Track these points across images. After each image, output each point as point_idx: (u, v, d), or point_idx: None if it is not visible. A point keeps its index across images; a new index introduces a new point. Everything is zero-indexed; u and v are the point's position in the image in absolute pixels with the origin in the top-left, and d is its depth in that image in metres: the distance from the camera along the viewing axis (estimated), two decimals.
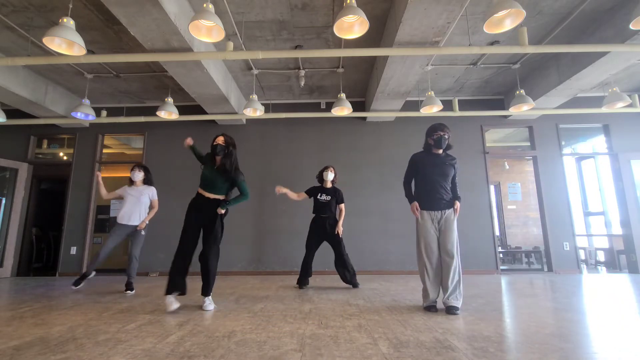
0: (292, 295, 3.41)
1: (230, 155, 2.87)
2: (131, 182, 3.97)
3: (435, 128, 2.82)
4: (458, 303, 2.57)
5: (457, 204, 2.77)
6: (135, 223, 3.86)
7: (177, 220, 5.53)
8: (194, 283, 4.45)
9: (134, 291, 3.78)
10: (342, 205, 3.99)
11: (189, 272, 2.87)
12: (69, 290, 3.88)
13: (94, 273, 3.92)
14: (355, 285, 3.89)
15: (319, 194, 3.93)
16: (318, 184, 4.06)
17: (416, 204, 2.82)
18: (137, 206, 3.87)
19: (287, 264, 5.40)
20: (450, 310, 2.53)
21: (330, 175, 3.95)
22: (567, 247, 5.35)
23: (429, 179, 2.78)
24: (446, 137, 2.79)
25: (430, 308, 2.64)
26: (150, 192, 3.99)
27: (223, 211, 2.85)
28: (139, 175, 3.94)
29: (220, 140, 2.86)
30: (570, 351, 1.70)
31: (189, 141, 2.97)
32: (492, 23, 2.79)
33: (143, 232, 3.91)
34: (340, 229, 3.89)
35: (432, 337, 1.95)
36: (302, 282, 3.90)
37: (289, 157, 5.78)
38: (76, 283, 3.88)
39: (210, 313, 2.62)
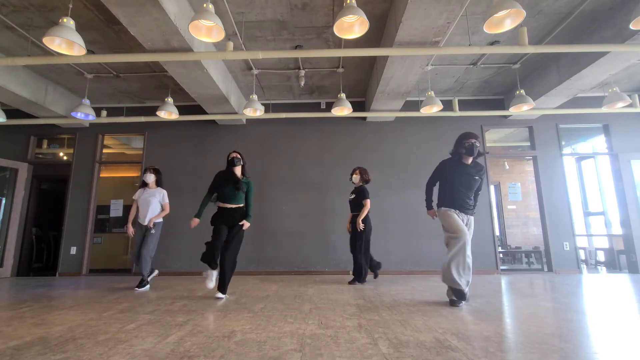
0: (292, 295, 3.41)
1: (243, 165, 3.48)
2: (143, 184, 4.13)
3: (467, 135, 2.90)
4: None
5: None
6: (147, 223, 4.01)
7: (176, 220, 5.53)
8: (193, 283, 4.45)
9: (144, 288, 3.90)
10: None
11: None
12: (69, 290, 3.88)
13: (155, 271, 4.12)
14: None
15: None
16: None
17: (433, 210, 3.07)
18: (148, 207, 4.02)
19: (287, 264, 5.40)
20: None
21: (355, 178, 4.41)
22: (567, 247, 5.35)
23: (455, 189, 2.90)
24: (477, 144, 2.86)
25: (463, 296, 2.75)
26: (160, 196, 4.13)
27: (249, 224, 3.32)
28: (150, 178, 4.10)
29: (235, 154, 3.40)
30: (570, 351, 1.70)
31: (195, 222, 3.44)
32: (492, 23, 2.79)
33: (153, 231, 4.01)
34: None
35: (432, 337, 1.95)
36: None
37: (289, 157, 5.78)
38: (140, 285, 3.94)
39: (210, 313, 2.62)
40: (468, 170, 2.91)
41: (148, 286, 3.98)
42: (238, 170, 3.40)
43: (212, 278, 3.32)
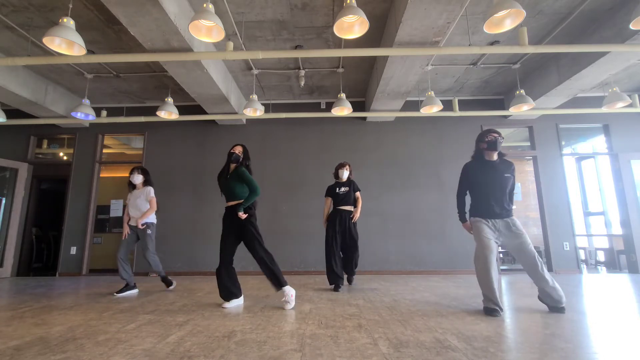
0: None
1: (241, 162, 3.10)
2: (132, 186, 3.91)
3: (488, 131, 2.69)
4: (563, 300, 2.50)
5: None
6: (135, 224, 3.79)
7: (176, 220, 5.54)
8: (193, 283, 4.45)
9: (172, 285, 3.90)
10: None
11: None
12: (69, 290, 3.88)
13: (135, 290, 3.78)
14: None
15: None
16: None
17: (469, 224, 2.73)
18: (135, 209, 3.79)
19: (287, 264, 5.40)
20: (561, 309, 2.50)
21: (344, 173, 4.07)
22: (567, 247, 5.35)
23: (485, 192, 2.62)
24: (500, 140, 2.64)
25: (494, 312, 2.47)
26: (145, 192, 3.85)
27: (243, 215, 2.91)
28: (138, 178, 3.87)
29: (238, 149, 3.08)
30: (570, 351, 1.70)
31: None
32: (492, 23, 2.79)
33: (149, 231, 3.77)
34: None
35: (432, 337, 1.95)
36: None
37: (289, 157, 5.78)
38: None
39: (210, 313, 2.62)
40: (495, 167, 2.64)
41: (174, 283, 3.95)
42: (232, 168, 3.07)
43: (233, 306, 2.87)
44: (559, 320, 2.33)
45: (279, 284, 2.83)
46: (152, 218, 3.86)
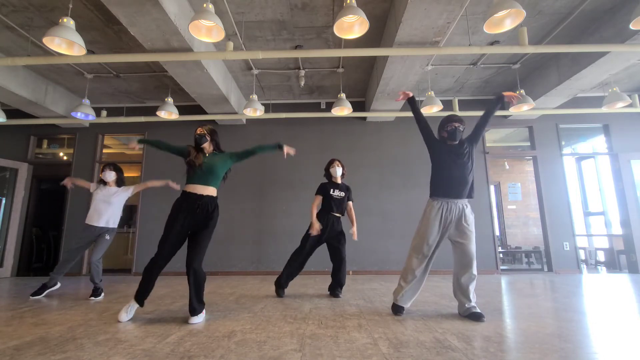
0: (292, 296, 3.41)
1: (214, 139, 2.68)
2: (103, 183, 3.61)
3: (449, 119, 2.56)
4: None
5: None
6: (102, 225, 3.46)
7: None
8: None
9: (100, 297, 3.39)
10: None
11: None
12: (69, 290, 3.88)
13: (58, 284, 3.61)
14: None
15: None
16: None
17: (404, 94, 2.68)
18: (107, 208, 3.49)
19: None
20: (479, 317, 2.30)
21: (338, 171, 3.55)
22: (567, 247, 5.35)
23: (446, 172, 2.48)
24: (461, 129, 2.55)
25: (399, 310, 2.49)
26: (126, 196, 3.64)
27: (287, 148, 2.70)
28: (111, 176, 3.57)
29: (200, 130, 2.60)
30: (570, 351, 1.70)
31: (134, 145, 2.74)
32: (492, 23, 2.79)
33: (107, 237, 3.50)
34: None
35: (432, 337, 1.95)
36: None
37: (289, 157, 5.76)
38: (35, 294, 3.42)
39: (210, 313, 2.62)
40: (457, 148, 2.54)
41: (100, 297, 3.41)
42: (207, 148, 2.62)
43: (129, 309, 2.40)
44: (559, 320, 2.33)
45: (194, 310, 2.33)
46: (115, 223, 3.57)
